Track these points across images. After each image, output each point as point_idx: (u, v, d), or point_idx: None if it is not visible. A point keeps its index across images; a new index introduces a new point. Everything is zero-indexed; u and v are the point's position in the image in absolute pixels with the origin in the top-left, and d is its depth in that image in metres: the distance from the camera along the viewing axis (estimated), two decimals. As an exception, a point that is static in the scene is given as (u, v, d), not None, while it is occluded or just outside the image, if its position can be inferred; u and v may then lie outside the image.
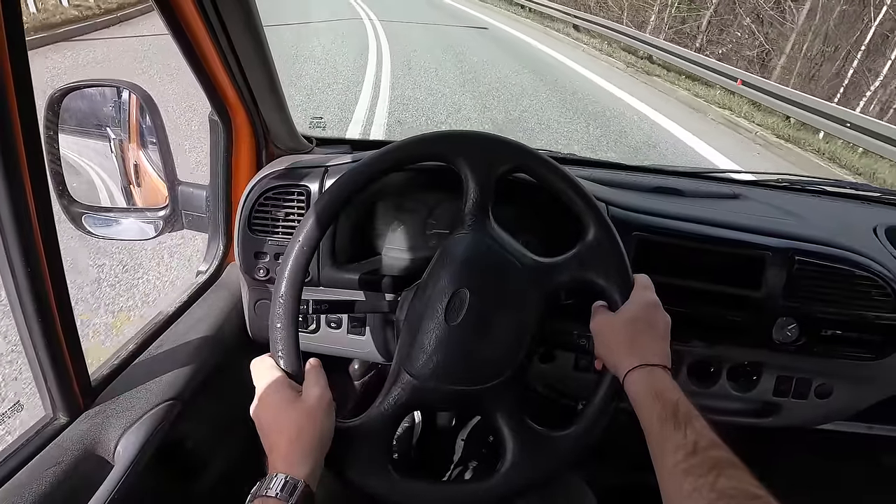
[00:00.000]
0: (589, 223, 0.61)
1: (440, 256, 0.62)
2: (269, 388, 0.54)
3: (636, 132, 5.45)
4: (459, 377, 0.56)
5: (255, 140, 0.81)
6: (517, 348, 0.58)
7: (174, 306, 0.78)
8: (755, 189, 1.06)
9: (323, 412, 0.53)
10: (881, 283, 0.75)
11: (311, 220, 0.57)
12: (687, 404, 0.50)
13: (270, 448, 0.51)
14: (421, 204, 0.85)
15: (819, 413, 0.86)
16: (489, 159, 0.61)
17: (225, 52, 0.64)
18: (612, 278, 0.60)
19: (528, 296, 0.59)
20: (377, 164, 0.60)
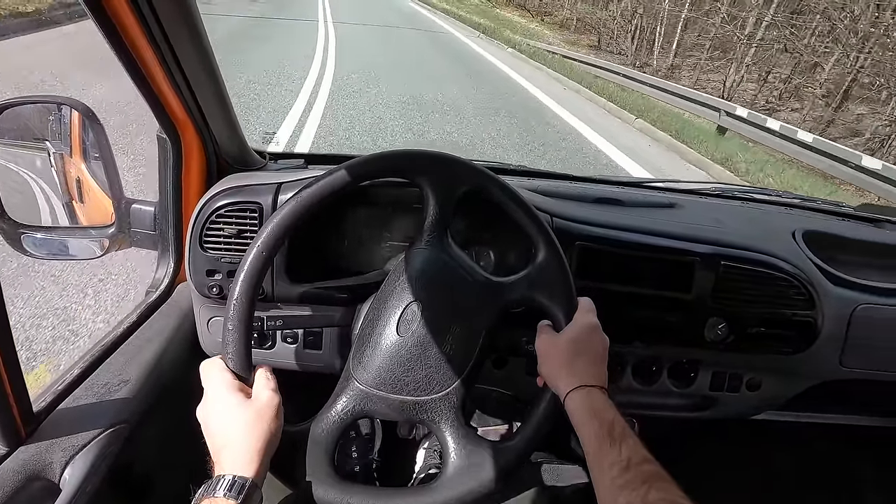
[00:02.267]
0: (539, 246, 0.64)
1: (397, 270, 0.64)
2: (219, 388, 0.54)
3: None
4: (406, 387, 0.59)
5: (206, 156, 0.81)
6: (465, 362, 0.60)
7: (123, 327, 0.76)
8: (690, 197, 1.14)
9: (272, 414, 0.54)
10: (797, 284, 0.83)
11: (273, 225, 0.58)
12: (622, 423, 0.54)
13: (217, 448, 0.51)
14: (375, 218, 0.87)
15: (751, 404, 0.93)
16: (450, 180, 0.64)
17: (171, 68, 0.64)
18: (558, 300, 0.63)
19: (478, 312, 0.62)
20: (346, 175, 0.61)
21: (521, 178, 1.09)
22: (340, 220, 0.85)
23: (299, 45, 8.18)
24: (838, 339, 0.88)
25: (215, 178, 0.83)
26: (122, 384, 0.67)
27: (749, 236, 0.87)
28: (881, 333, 0.89)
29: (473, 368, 0.61)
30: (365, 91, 6.10)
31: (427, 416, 0.59)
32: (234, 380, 0.55)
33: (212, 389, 0.55)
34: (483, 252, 0.88)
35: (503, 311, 0.64)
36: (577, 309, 0.64)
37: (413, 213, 0.86)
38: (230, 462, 0.50)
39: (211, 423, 0.53)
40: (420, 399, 0.59)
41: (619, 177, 1.22)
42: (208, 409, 0.54)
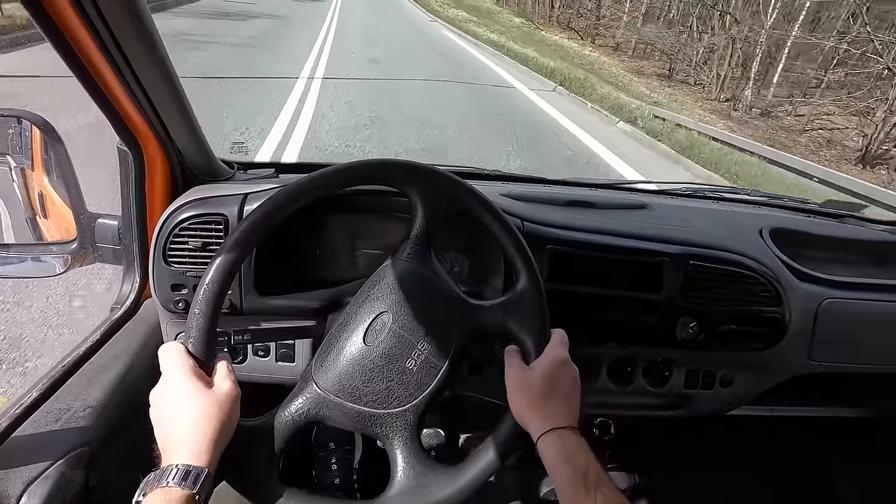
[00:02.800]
0: (520, 273, 0.63)
1: (375, 277, 0.64)
2: (178, 373, 0.52)
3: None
4: (364, 398, 0.57)
5: (170, 168, 0.79)
6: (428, 380, 0.59)
7: (86, 346, 0.74)
8: (661, 198, 1.16)
9: (230, 406, 0.53)
10: (764, 282, 0.84)
11: (255, 218, 0.57)
12: (596, 468, 0.53)
13: (167, 434, 0.50)
14: (347, 225, 0.86)
15: (725, 401, 0.94)
16: (440, 195, 0.63)
17: (128, 80, 0.62)
18: (530, 330, 0.63)
19: (450, 331, 0.61)
20: (337, 175, 0.60)
21: (496, 183, 1.10)
22: (312, 230, 0.84)
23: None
24: (806, 333, 0.90)
25: (181, 190, 0.81)
26: (84, 406, 0.65)
27: (717, 235, 0.89)
28: (846, 327, 0.91)
29: (438, 388, 0.59)
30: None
31: (381, 430, 0.58)
32: (195, 366, 0.54)
33: (170, 373, 0.53)
34: (457, 259, 0.88)
35: (476, 332, 0.63)
36: (550, 342, 0.63)
37: (389, 222, 0.86)
38: (184, 451, 0.48)
39: (165, 407, 0.51)
40: (376, 412, 0.57)
41: (593, 178, 1.23)
42: (164, 394, 0.52)
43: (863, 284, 0.94)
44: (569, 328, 0.83)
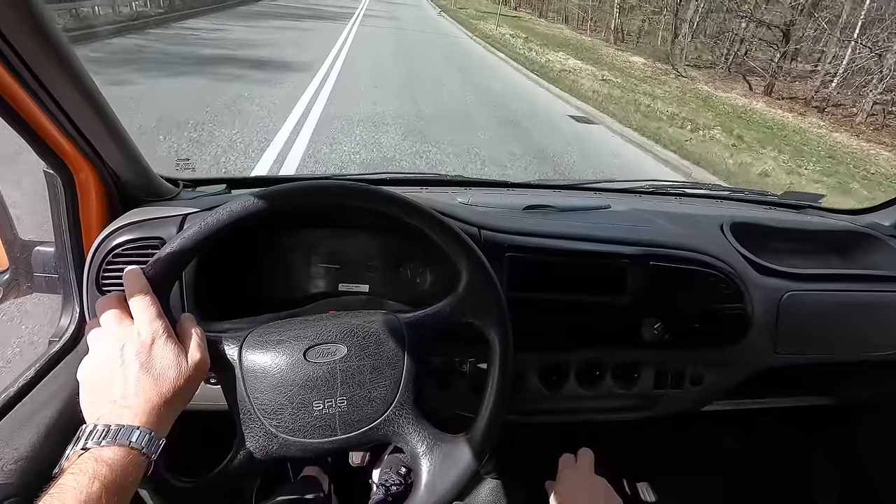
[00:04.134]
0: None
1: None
2: (156, 325, 0.48)
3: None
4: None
5: (106, 190, 0.74)
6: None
7: (18, 384, 0.68)
8: (624, 196, 1.15)
9: (199, 379, 0.50)
10: (725, 279, 0.84)
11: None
12: None
13: (136, 392, 0.45)
14: (299, 242, 0.83)
15: (695, 398, 0.94)
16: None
17: (44, 102, 0.58)
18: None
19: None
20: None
21: (457, 189, 1.08)
22: (266, 245, 0.80)
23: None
24: (770, 327, 0.90)
25: (120, 212, 0.77)
26: (14, 452, 0.60)
27: (678, 234, 0.89)
28: (808, 319, 0.92)
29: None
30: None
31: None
32: (167, 324, 0.49)
33: (146, 321, 0.48)
34: (418, 270, 0.86)
35: (433, 340, 0.60)
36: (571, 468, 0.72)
37: (345, 236, 0.83)
38: (148, 415, 0.44)
39: (134, 361, 0.46)
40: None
41: (556, 180, 1.22)
42: (135, 346, 0.47)
43: (823, 275, 0.95)
44: (533, 336, 0.82)
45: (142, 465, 0.44)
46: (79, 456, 0.41)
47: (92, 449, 0.42)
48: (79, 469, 0.40)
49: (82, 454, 0.42)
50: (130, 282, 0.50)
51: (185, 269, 0.70)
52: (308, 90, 5.87)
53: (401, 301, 0.84)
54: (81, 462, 0.41)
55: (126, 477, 0.41)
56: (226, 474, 0.52)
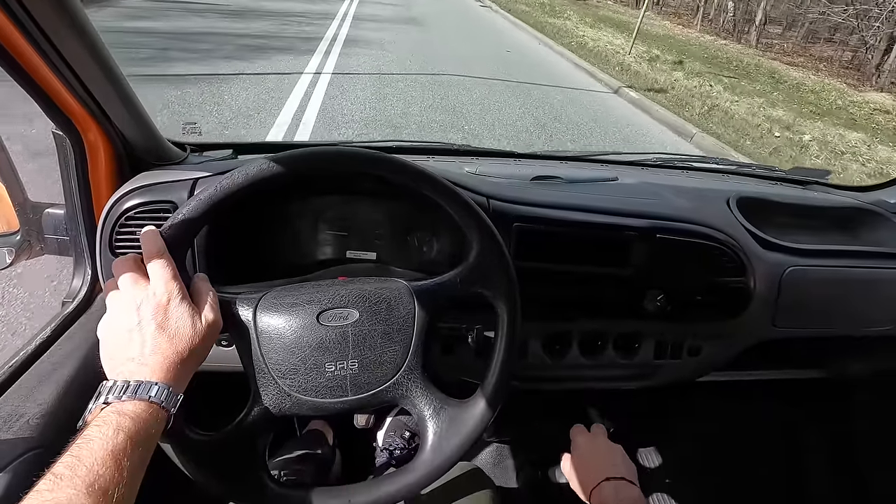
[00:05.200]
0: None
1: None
2: (171, 286, 0.49)
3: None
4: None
5: (115, 153, 0.74)
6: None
7: (35, 343, 0.70)
8: (631, 169, 1.15)
9: (213, 339, 0.51)
10: (729, 252, 0.85)
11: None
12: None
13: (153, 351, 0.47)
14: (310, 207, 0.83)
15: (693, 369, 0.96)
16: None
17: (53, 62, 0.57)
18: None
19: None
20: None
21: (464, 158, 1.07)
22: (274, 213, 0.81)
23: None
24: (770, 301, 0.91)
25: (129, 176, 0.77)
26: (38, 406, 0.62)
27: (684, 208, 0.89)
28: (809, 294, 0.93)
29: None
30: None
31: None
32: (184, 287, 0.50)
33: (163, 284, 0.48)
34: (426, 238, 0.86)
35: (441, 311, 0.61)
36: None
37: (353, 203, 0.83)
38: (166, 372, 0.46)
39: (151, 322, 0.47)
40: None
41: (564, 151, 1.22)
42: (144, 292, 0.48)
43: (826, 251, 0.96)
44: (539, 305, 0.83)
45: (162, 419, 0.45)
46: (101, 410, 0.43)
47: (114, 403, 0.43)
48: (103, 421, 0.41)
49: (104, 408, 0.43)
50: (148, 242, 0.51)
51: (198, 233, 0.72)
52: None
53: (408, 269, 0.85)
54: (105, 415, 0.42)
55: (148, 429, 0.43)
56: (240, 429, 0.54)
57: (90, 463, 0.38)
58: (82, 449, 0.39)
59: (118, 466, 0.39)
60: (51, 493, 0.36)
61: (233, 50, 5.46)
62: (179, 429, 0.51)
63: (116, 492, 0.38)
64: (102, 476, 0.38)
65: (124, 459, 0.40)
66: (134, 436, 0.41)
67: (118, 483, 0.38)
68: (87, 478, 0.37)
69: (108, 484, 0.38)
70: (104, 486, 0.37)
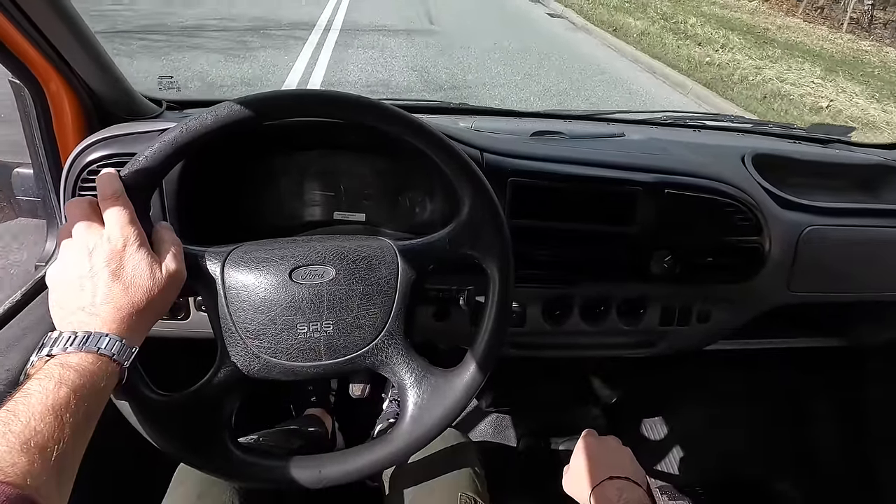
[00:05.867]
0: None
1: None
2: (128, 231, 0.45)
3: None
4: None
5: (81, 106, 0.69)
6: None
7: (3, 307, 0.67)
8: (641, 127, 1.08)
9: (174, 293, 0.48)
10: (744, 209, 0.79)
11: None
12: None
13: (105, 300, 0.43)
14: (292, 165, 0.78)
15: (701, 336, 0.92)
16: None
17: (3, 3, 0.52)
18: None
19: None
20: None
21: (461, 116, 1.01)
22: (256, 171, 0.76)
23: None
24: (786, 263, 0.86)
25: (98, 130, 0.72)
26: (3, 373, 0.59)
27: (696, 163, 0.83)
28: (828, 255, 0.87)
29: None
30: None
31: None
32: (141, 230, 0.46)
33: (118, 226, 0.45)
34: (417, 198, 0.81)
35: (428, 272, 0.57)
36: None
37: (337, 157, 0.78)
38: (120, 324, 0.43)
39: (104, 268, 0.43)
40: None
41: (569, 110, 1.15)
42: (106, 253, 0.44)
43: (847, 210, 0.90)
44: (537, 267, 0.78)
45: (113, 373, 0.42)
46: (45, 363, 0.40)
47: (58, 355, 0.40)
48: (44, 374, 0.38)
49: (48, 360, 0.40)
50: (103, 184, 0.46)
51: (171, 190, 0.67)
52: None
53: (399, 231, 0.81)
54: (48, 368, 0.39)
55: (96, 384, 0.40)
56: (204, 391, 0.51)
57: (26, 418, 0.35)
58: (18, 403, 0.36)
59: (59, 422, 0.36)
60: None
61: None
62: (135, 385, 0.48)
63: (56, 449, 0.35)
64: (40, 432, 0.35)
65: (66, 415, 0.36)
66: (78, 389, 0.38)
67: (58, 440, 0.35)
68: (22, 434, 0.34)
69: (45, 441, 0.35)
70: (41, 442, 0.34)
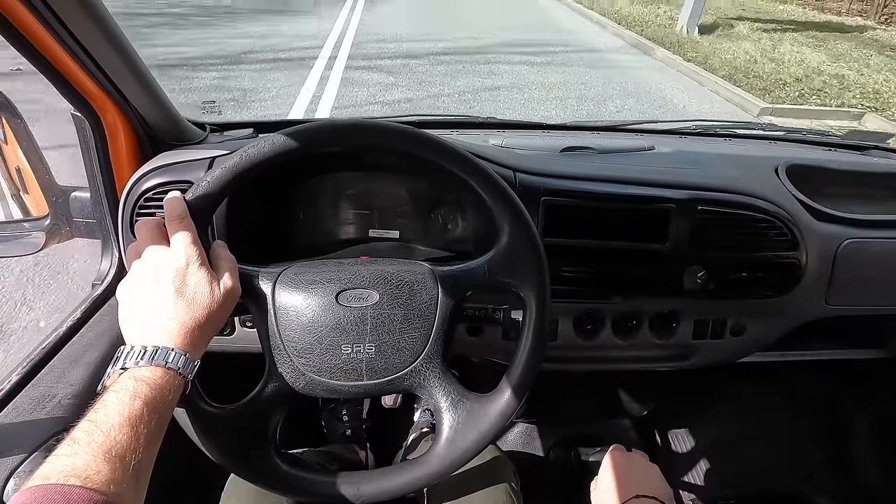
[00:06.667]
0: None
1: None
2: (191, 251, 0.48)
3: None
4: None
5: (134, 134, 0.74)
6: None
7: (66, 325, 0.71)
8: (670, 138, 1.08)
9: (231, 307, 0.50)
10: (778, 224, 0.78)
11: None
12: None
13: (172, 316, 0.46)
14: (329, 186, 0.81)
15: (735, 349, 0.91)
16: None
17: (67, 43, 0.56)
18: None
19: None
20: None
21: (490, 131, 1.03)
22: (293, 192, 0.79)
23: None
24: (823, 277, 0.84)
25: (150, 156, 0.76)
26: (69, 387, 0.63)
27: (728, 177, 0.82)
28: (867, 268, 0.86)
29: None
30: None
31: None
32: (202, 250, 0.49)
33: (183, 248, 0.47)
34: (449, 215, 0.83)
35: (464, 298, 0.58)
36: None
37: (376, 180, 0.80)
38: (184, 338, 0.45)
39: (171, 287, 0.46)
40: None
41: (595, 121, 1.15)
42: (173, 270, 0.47)
43: (887, 222, 0.88)
44: (570, 283, 0.79)
45: (178, 386, 0.45)
46: (119, 375, 0.42)
47: (131, 368, 0.43)
48: (120, 387, 0.41)
49: (122, 373, 0.43)
50: (170, 206, 0.50)
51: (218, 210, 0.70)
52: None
53: (432, 247, 0.83)
54: (122, 381, 0.42)
55: (164, 396, 0.42)
56: (253, 404, 0.54)
57: (107, 428, 0.38)
58: (99, 414, 0.39)
59: (135, 432, 0.38)
60: (69, 458, 0.35)
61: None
62: (193, 398, 0.51)
63: (133, 458, 0.38)
64: (119, 442, 0.37)
65: (140, 426, 0.39)
66: (150, 402, 0.41)
67: (135, 449, 0.38)
68: (104, 444, 0.37)
69: (124, 450, 0.37)
70: (120, 452, 0.37)
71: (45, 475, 0.34)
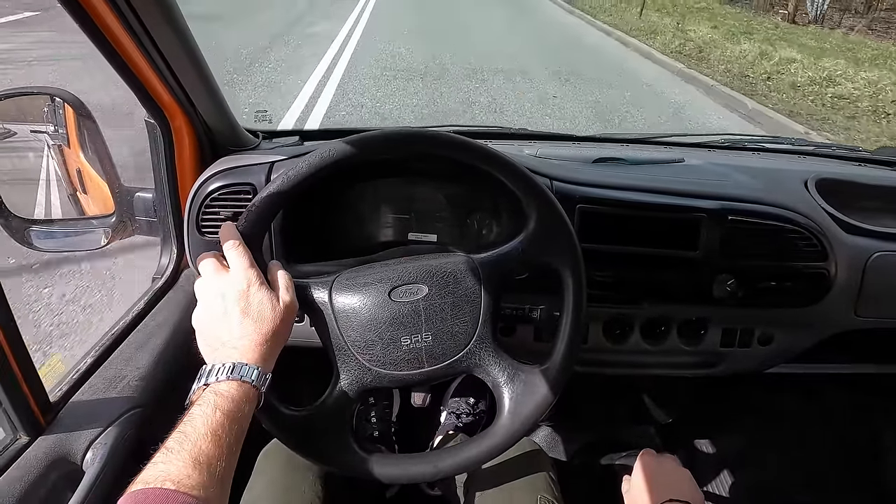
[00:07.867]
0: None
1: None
2: (250, 274, 0.53)
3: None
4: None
5: (197, 139, 0.80)
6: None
7: (131, 314, 0.77)
8: (700, 151, 1.10)
9: (292, 319, 0.55)
10: (808, 235, 0.80)
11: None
12: None
13: (241, 335, 0.51)
14: (373, 190, 0.86)
15: (762, 359, 0.92)
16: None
17: (150, 53, 0.62)
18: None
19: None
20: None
21: (523, 142, 1.07)
22: (337, 196, 0.84)
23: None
24: (853, 289, 0.86)
25: (209, 161, 0.82)
26: (136, 370, 0.69)
27: (758, 188, 0.85)
28: None
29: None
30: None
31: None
32: (260, 272, 0.54)
33: (242, 271, 0.53)
34: (485, 220, 0.87)
35: (505, 282, 0.63)
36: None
37: (416, 186, 0.85)
38: (254, 353, 0.50)
39: (238, 306, 0.51)
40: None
41: (625, 133, 1.18)
42: (238, 293, 0.51)
43: None
44: (601, 288, 0.82)
45: (254, 398, 0.50)
46: (202, 391, 0.48)
47: (212, 385, 0.48)
48: (203, 401, 0.46)
49: (205, 389, 0.48)
50: (225, 235, 0.56)
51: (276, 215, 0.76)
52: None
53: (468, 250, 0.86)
54: (205, 396, 0.47)
55: (241, 408, 0.47)
56: (329, 403, 0.59)
57: (194, 439, 0.42)
58: (187, 426, 0.44)
59: (218, 442, 0.43)
60: (164, 465, 0.40)
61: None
62: (272, 406, 0.56)
63: (218, 466, 0.42)
64: (205, 451, 0.42)
65: (223, 436, 0.44)
66: (230, 414, 0.45)
67: (219, 458, 0.43)
68: (192, 452, 0.42)
69: (210, 458, 0.42)
70: (206, 460, 0.42)
71: (145, 480, 0.39)
